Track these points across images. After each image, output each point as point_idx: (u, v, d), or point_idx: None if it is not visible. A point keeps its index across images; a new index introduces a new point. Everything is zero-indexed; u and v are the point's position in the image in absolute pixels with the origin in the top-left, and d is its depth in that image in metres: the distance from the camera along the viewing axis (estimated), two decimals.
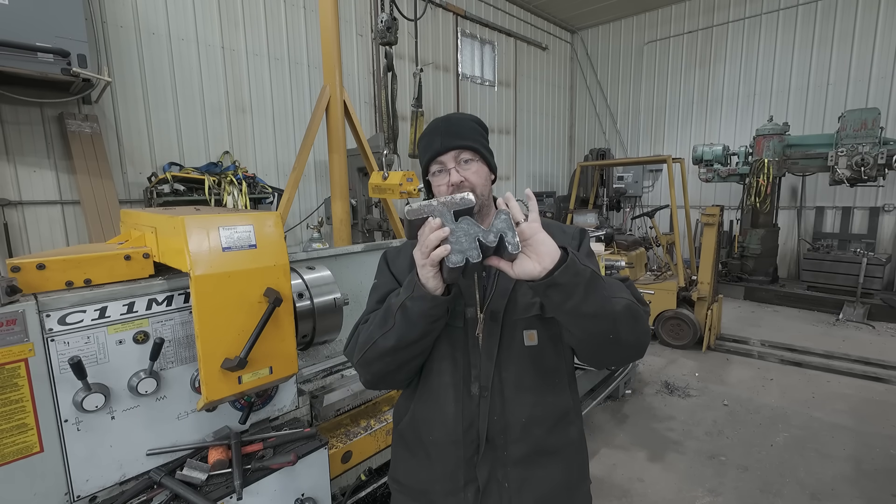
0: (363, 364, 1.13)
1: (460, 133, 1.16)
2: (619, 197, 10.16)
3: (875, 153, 6.12)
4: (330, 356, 2.14)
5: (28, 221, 4.16)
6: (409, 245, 1.25)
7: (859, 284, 6.55)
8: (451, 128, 1.17)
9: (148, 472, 1.35)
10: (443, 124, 1.19)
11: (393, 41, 3.20)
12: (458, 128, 1.17)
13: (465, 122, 1.19)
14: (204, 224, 1.25)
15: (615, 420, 3.85)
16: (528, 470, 1.15)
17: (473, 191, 1.14)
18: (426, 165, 1.20)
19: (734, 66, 8.97)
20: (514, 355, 1.14)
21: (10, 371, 1.12)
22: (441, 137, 1.15)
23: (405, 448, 1.27)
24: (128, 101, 4.62)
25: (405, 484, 1.28)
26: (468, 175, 1.14)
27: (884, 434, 3.57)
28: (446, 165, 1.15)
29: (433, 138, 1.17)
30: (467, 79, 8.53)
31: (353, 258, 2.29)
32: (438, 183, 1.17)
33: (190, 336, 1.41)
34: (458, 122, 1.18)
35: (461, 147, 1.15)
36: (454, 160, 1.14)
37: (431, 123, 1.22)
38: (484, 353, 1.14)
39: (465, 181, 1.13)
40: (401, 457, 1.30)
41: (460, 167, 1.15)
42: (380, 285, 1.27)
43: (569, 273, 0.91)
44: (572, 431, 1.22)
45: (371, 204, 5.58)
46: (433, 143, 1.17)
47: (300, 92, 6.02)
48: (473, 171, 1.15)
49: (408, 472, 1.27)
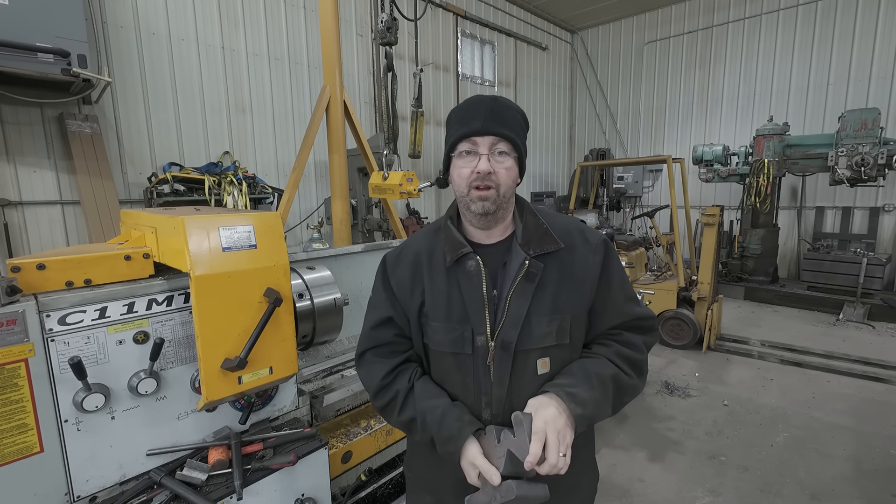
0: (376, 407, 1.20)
1: (505, 120, 1.04)
2: (619, 197, 10.16)
3: (875, 153, 6.12)
4: (330, 356, 2.14)
5: (28, 221, 4.16)
6: (411, 250, 1.19)
7: (859, 284, 6.55)
8: (497, 111, 1.04)
9: (148, 472, 1.35)
10: (490, 102, 1.05)
11: (393, 41, 3.20)
12: (504, 113, 1.04)
13: (512, 111, 1.07)
14: (204, 224, 1.25)
15: (615, 420, 3.85)
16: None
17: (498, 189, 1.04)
18: (455, 141, 1.06)
19: (734, 66, 8.97)
20: (526, 383, 1.08)
21: (11, 371, 1.12)
22: (484, 117, 1.02)
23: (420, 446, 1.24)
24: (128, 101, 4.62)
25: (419, 474, 1.30)
26: (499, 169, 1.03)
27: (884, 434, 3.56)
28: (479, 149, 1.03)
29: (473, 114, 1.03)
30: (467, 79, 8.52)
31: (353, 258, 2.29)
32: (463, 165, 1.05)
33: (190, 336, 1.41)
34: (505, 108, 1.06)
35: (502, 135, 1.03)
36: (489, 147, 1.03)
37: (475, 98, 1.08)
38: (496, 381, 1.08)
39: (494, 174, 1.03)
40: (415, 451, 1.31)
41: (493, 157, 1.03)
42: (377, 305, 1.21)
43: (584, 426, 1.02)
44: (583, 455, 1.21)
45: (371, 204, 5.57)
46: (472, 120, 1.03)
47: (300, 92, 6.02)
48: (506, 168, 1.04)
49: (421, 464, 1.28)
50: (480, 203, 1.05)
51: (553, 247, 1.09)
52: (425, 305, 1.13)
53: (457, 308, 1.10)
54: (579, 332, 1.13)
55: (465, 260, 1.10)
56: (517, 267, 1.07)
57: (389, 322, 1.18)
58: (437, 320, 1.11)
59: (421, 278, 1.15)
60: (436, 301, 1.11)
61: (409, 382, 1.14)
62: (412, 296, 1.15)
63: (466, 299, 1.09)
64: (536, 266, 1.07)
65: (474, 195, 1.05)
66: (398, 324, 1.18)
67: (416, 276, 1.16)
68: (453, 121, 1.10)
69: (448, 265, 1.11)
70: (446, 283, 1.11)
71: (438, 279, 1.12)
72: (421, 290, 1.14)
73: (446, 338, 1.10)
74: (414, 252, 1.19)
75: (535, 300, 1.07)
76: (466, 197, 1.07)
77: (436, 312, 1.11)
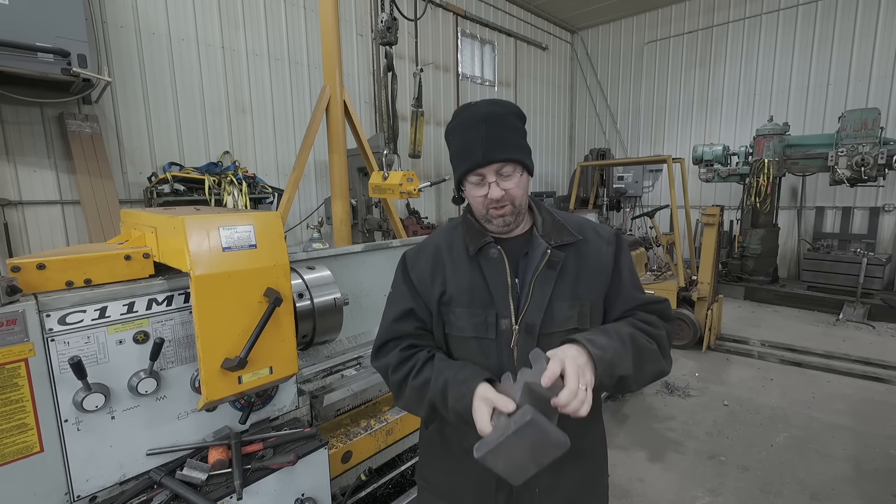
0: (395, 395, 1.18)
1: (503, 143, 1.06)
2: (619, 197, 10.17)
3: (875, 153, 6.12)
4: (330, 356, 2.14)
5: (28, 221, 4.16)
6: (431, 245, 1.23)
7: (859, 284, 6.55)
8: (494, 138, 1.05)
9: (148, 472, 1.35)
10: (484, 128, 1.05)
11: (393, 41, 3.20)
12: (501, 133, 1.06)
13: (506, 126, 1.07)
14: (204, 224, 1.25)
15: (615, 420, 3.85)
16: (558, 476, 1.14)
17: (513, 202, 1.09)
18: (461, 176, 1.12)
19: (734, 66, 8.97)
20: None
21: (11, 371, 1.12)
22: (483, 147, 1.05)
23: (434, 450, 1.26)
24: (128, 101, 4.62)
25: (434, 483, 1.27)
26: (509, 188, 1.08)
27: (884, 434, 3.56)
28: (486, 178, 1.07)
29: (472, 145, 1.06)
30: (467, 79, 8.53)
31: (353, 258, 2.29)
32: (476, 194, 1.10)
33: (190, 336, 1.41)
34: (500, 126, 1.06)
35: (505, 160, 1.06)
36: (495, 174, 1.06)
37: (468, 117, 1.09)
38: (519, 365, 1.09)
39: (506, 194, 1.08)
40: (429, 458, 1.29)
41: (501, 179, 1.07)
42: (396, 299, 1.22)
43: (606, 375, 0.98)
44: (597, 429, 1.23)
45: (371, 204, 5.57)
46: (472, 154, 1.06)
47: (300, 92, 6.02)
48: (514, 184, 1.08)
49: (436, 472, 1.26)
50: (500, 219, 1.12)
51: (571, 238, 1.15)
52: (446, 294, 1.16)
53: (480, 294, 1.13)
54: (597, 319, 1.18)
55: (487, 248, 1.14)
56: (539, 255, 1.13)
57: (411, 314, 1.20)
58: (461, 306, 1.14)
59: (442, 268, 1.18)
60: (459, 288, 1.15)
61: (428, 353, 1.16)
62: (432, 285, 1.17)
63: (491, 285, 1.12)
64: (558, 255, 1.13)
65: (493, 214, 1.12)
66: (420, 316, 1.20)
67: (436, 266, 1.19)
68: (453, 147, 1.13)
69: (471, 254, 1.15)
70: (469, 270, 1.15)
71: (461, 267, 1.16)
72: (442, 280, 1.17)
73: (469, 322, 1.13)
74: (434, 247, 1.22)
75: (557, 287, 1.12)
76: (485, 216, 1.13)
77: (459, 299, 1.14)
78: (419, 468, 1.34)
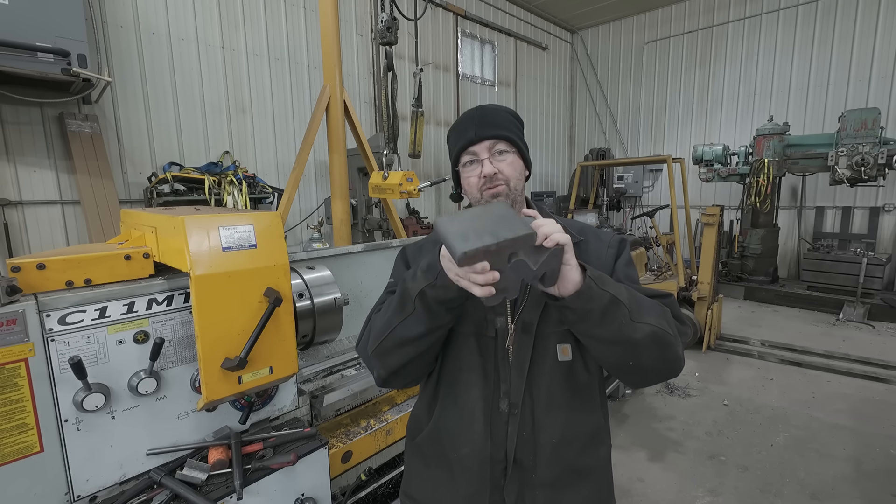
0: (379, 354, 1.05)
1: (495, 122, 1.09)
2: (619, 197, 10.16)
3: (875, 153, 6.12)
4: (330, 356, 2.14)
5: (28, 221, 4.16)
6: (430, 242, 1.21)
7: (859, 284, 6.55)
8: (486, 117, 1.10)
9: (148, 471, 1.34)
10: (477, 113, 1.11)
11: (393, 41, 3.20)
12: (494, 117, 1.10)
13: (500, 113, 1.12)
14: (204, 224, 1.25)
15: (615, 420, 3.85)
16: (558, 493, 1.08)
17: (507, 183, 1.08)
18: (457, 156, 1.13)
19: (734, 66, 8.97)
20: (546, 371, 1.07)
21: (10, 371, 1.12)
22: (475, 127, 1.08)
23: (423, 462, 1.19)
24: (128, 101, 4.62)
25: (420, 500, 1.20)
26: (502, 167, 1.07)
27: (884, 434, 3.56)
28: (479, 156, 1.08)
29: (466, 128, 1.10)
30: (467, 79, 8.52)
31: (353, 258, 2.29)
32: (469, 174, 1.10)
33: (190, 336, 1.41)
34: (493, 112, 1.12)
35: (496, 137, 1.08)
36: (488, 151, 1.08)
37: (465, 113, 1.15)
38: (514, 368, 1.06)
39: (499, 173, 1.07)
40: (417, 471, 1.22)
41: (494, 158, 1.08)
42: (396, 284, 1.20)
43: (581, 299, 0.89)
44: (602, 451, 1.15)
45: (371, 204, 5.57)
46: (466, 133, 1.09)
47: (300, 92, 6.02)
48: (508, 163, 1.08)
49: (423, 488, 1.19)
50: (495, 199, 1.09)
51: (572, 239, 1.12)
52: None
53: None
54: None
55: None
56: None
57: None
58: None
59: None
60: None
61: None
62: None
63: None
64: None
65: (487, 195, 1.09)
66: None
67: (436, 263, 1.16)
68: (451, 138, 1.16)
69: None
70: None
71: None
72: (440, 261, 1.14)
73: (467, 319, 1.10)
74: (433, 244, 1.21)
75: None
76: (481, 200, 1.11)
77: None
78: (404, 485, 1.26)
